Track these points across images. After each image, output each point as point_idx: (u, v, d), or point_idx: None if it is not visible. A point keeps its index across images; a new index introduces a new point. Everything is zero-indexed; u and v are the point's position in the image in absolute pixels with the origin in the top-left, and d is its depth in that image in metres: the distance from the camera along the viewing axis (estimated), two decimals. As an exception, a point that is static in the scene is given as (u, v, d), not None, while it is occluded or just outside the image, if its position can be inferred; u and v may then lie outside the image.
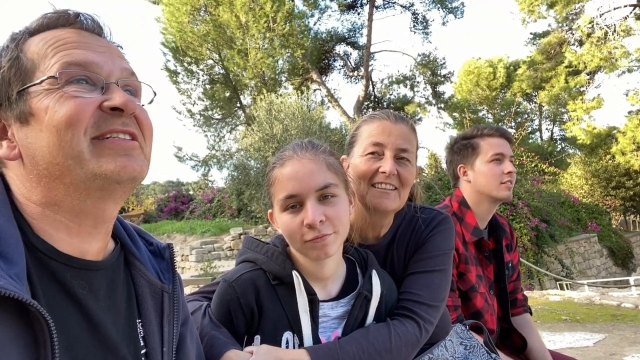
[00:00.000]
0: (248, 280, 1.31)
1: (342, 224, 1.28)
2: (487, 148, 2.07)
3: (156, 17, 23.78)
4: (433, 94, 33.45)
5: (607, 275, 15.95)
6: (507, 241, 2.22)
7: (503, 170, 2.04)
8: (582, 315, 6.41)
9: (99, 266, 0.88)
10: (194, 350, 1.07)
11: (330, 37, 30.20)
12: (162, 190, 43.91)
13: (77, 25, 0.87)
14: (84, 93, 0.81)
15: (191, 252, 14.82)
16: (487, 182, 2.05)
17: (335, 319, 1.34)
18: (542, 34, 29.79)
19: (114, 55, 0.89)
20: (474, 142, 2.11)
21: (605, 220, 19.21)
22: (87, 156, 0.80)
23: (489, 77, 35.48)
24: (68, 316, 0.78)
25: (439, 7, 29.43)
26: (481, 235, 2.08)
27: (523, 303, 2.28)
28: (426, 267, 1.50)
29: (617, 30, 20.91)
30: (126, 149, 0.84)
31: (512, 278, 2.24)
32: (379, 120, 1.57)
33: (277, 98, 16.23)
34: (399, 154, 1.52)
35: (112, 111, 0.82)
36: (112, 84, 0.85)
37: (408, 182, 1.54)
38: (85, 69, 0.83)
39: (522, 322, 2.21)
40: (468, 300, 1.97)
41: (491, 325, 2.01)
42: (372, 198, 1.52)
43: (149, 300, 0.96)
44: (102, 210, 0.85)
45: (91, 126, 0.80)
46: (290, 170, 1.27)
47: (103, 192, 0.82)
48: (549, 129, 39.44)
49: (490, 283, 2.11)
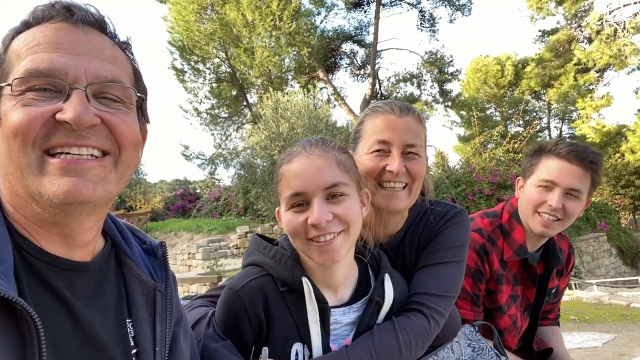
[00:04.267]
0: (255, 288, 1.24)
1: (353, 222, 1.20)
2: (543, 170, 1.79)
3: (163, 16, 23.88)
4: (440, 92, 33.24)
5: (616, 275, 15.79)
6: (560, 267, 2.02)
7: (547, 200, 1.76)
8: (591, 315, 6.35)
9: (85, 267, 0.86)
10: (187, 350, 1.05)
11: (336, 35, 30.10)
12: (169, 188, 44.06)
13: (60, 19, 0.81)
14: (40, 102, 0.76)
15: (198, 250, 14.88)
16: (525, 207, 1.85)
17: (347, 326, 1.28)
18: (551, 31, 29.52)
19: (91, 57, 0.81)
20: (539, 157, 1.84)
21: (614, 219, 19.02)
22: (33, 171, 0.75)
23: (497, 74, 35.23)
24: (55, 315, 0.78)
25: (446, 4, 29.23)
26: (525, 257, 1.87)
27: (553, 319, 2.17)
28: (436, 259, 1.46)
29: (627, 28, 20.68)
30: (77, 170, 0.77)
31: (552, 301, 2.10)
32: (383, 115, 1.48)
33: (284, 96, 16.22)
34: (407, 149, 1.45)
35: (66, 123, 0.76)
36: (76, 91, 0.77)
37: (419, 176, 1.47)
38: (46, 76, 0.77)
39: (550, 331, 2.11)
40: (492, 318, 1.86)
41: (510, 344, 1.92)
42: (381, 199, 1.46)
43: (141, 299, 0.94)
44: (67, 225, 0.81)
45: (41, 138, 0.76)
46: (297, 166, 1.21)
47: (55, 210, 0.78)
48: (558, 127, 39.09)
49: (527, 304, 1.97)
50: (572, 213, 1.75)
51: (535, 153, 1.87)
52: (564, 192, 1.74)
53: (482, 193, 13.10)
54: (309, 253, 1.21)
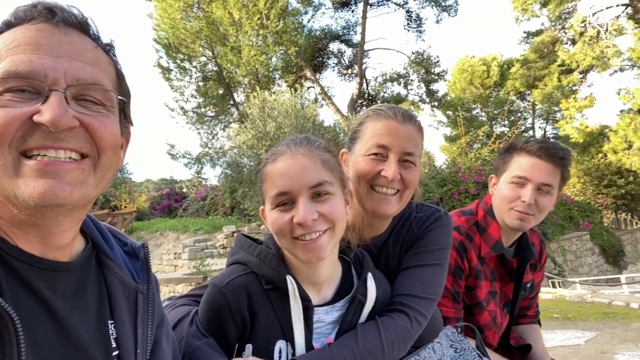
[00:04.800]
0: (239, 286, 1.24)
1: (338, 221, 1.21)
2: (515, 167, 1.85)
3: (148, 14, 23.64)
4: (427, 92, 33.46)
5: (598, 273, 16.07)
6: (534, 261, 2.06)
7: (520, 196, 1.81)
8: (574, 313, 6.44)
9: (65, 267, 0.85)
10: (169, 352, 1.05)
11: (324, 35, 30.12)
12: (155, 187, 43.67)
13: (41, 20, 0.80)
14: (18, 103, 0.76)
15: (184, 250, 14.76)
16: (499, 203, 1.90)
17: (330, 324, 1.29)
18: (536, 33, 29.89)
19: (72, 59, 0.80)
20: (510, 154, 1.90)
21: (597, 219, 19.35)
22: (9, 172, 0.75)
23: (483, 75, 35.59)
24: (34, 316, 0.77)
25: (433, 5, 29.45)
26: (501, 252, 1.91)
27: (532, 317, 2.19)
28: (419, 261, 1.47)
29: (610, 30, 21.03)
30: (53, 172, 0.76)
31: (529, 296, 2.14)
32: (385, 119, 1.48)
33: (271, 95, 16.17)
34: (404, 157, 1.46)
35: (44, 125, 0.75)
36: (55, 92, 0.77)
37: (412, 185, 1.48)
38: (25, 78, 0.76)
39: (529, 330, 2.13)
40: (471, 315, 1.89)
41: (491, 341, 1.95)
42: (372, 202, 1.47)
43: (122, 301, 0.94)
44: (44, 227, 0.80)
45: (17, 140, 0.75)
46: (282, 166, 1.21)
47: (32, 212, 0.77)
48: (542, 127, 39.63)
49: (506, 301, 2.00)
50: (544, 207, 1.81)
51: (507, 151, 1.92)
52: (536, 187, 1.79)
53: (467, 192, 13.22)
54: (294, 251, 1.22)
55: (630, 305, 6.70)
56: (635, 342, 4.74)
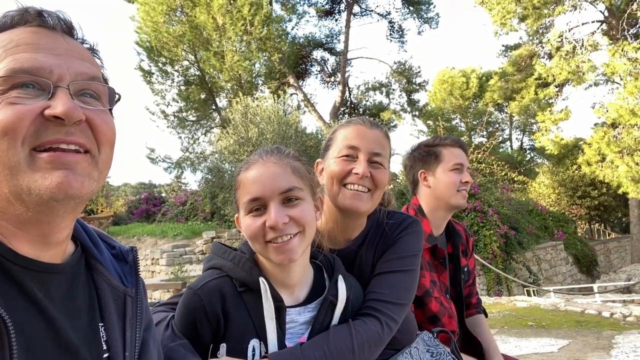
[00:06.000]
0: (214, 288, 1.29)
1: (308, 224, 1.28)
2: (450, 157, 2.16)
3: (131, 16, 23.39)
4: (408, 101, 33.92)
5: (572, 282, 16.42)
6: (463, 247, 2.29)
7: (462, 179, 2.14)
8: (548, 321, 6.56)
9: (57, 269, 0.85)
10: (155, 355, 1.05)
11: (307, 42, 30.29)
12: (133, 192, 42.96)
13: (36, 23, 0.83)
14: (26, 99, 0.77)
15: (162, 255, 14.57)
16: (447, 189, 2.14)
17: (303, 325, 1.33)
18: (514, 47, 30.61)
19: (71, 57, 0.83)
20: (437, 150, 2.19)
21: (571, 229, 19.78)
22: (23, 168, 0.75)
23: (463, 86, 36.18)
24: (27, 318, 0.76)
25: (415, 16, 29.98)
26: (435, 242, 2.12)
27: (476, 306, 2.35)
28: (391, 267, 1.52)
29: (585, 45, 21.63)
30: (67, 163, 0.78)
31: (467, 283, 2.30)
32: (355, 125, 1.61)
33: (253, 101, 16.17)
34: (373, 157, 1.56)
35: (56, 119, 0.77)
36: (61, 89, 0.79)
37: (382, 185, 1.57)
38: (32, 74, 0.78)
39: (474, 322, 2.26)
40: (424, 305, 1.99)
41: (450, 327, 2.04)
42: (344, 199, 1.54)
43: (111, 304, 0.94)
44: (48, 223, 0.81)
45: (30, 135, 0.76)
46: (255, 173, 1.28)
47: (42, 207, 0.78)
48: (519, 138, 40.48)
49: (445, 288, 2.16)
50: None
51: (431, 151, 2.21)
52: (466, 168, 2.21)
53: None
54: (267, 254, 1.27)
55: (602, 314, 6.86)
56: (607, 350, 4.86)
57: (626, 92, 18.33)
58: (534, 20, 22.54)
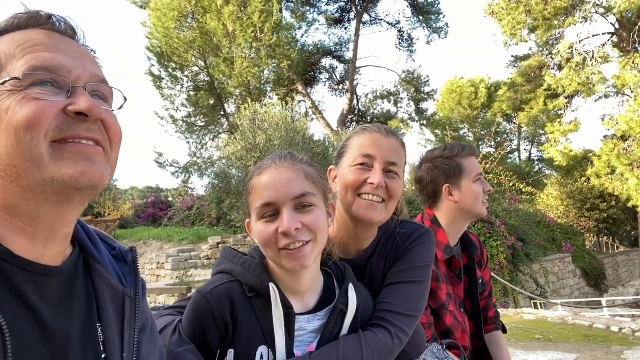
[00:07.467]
0: (223, 292, 1.27)
1: (320, 232, 1.26)
2: (472, 168, 2.11)
3: (142, 22, 23.66)
4: (416, 110, 33.92)
5: (580, 296, 16.22)
6: (478, 258, 2.24)
7: (484, 189, 2.11)
8: (555, 334, 6.48)
9: (55, 272, 0.85)
10: (156, 356, 1.04)
11: (317, 50, 30.45)
12: (140, 195, 43.10)
13: (48, 27, 0.86)
14: (48, 96, 0.79)
15: (167, 260, 14.59)
16: (474, 202, 2.09)
17: (312, 333, 1.31)
18: (523, 57, 30.55)
19: (84, 60, 0.87)
20: (458, 162, 2.11)
21: (580, 241, 19.58)
22: (46, 159, 0.77)
23: (471, 96, 36.14)
24: (21, 321, 0.76)
25: (424, 26, 30.05)
26: (452, 254, 2.07)
27: (494, 320, 2.27)
28: (403, 278, 1.49)
29: (595, 57, 21.53)
30: (88, 154, 0.81)
31: (483, 295, 2.24)
32: (370, 133, 1.57)
33: (262, 108, 16.21)
34: (388, 167, 1.52)
35: (77, 116, 0.80)
36: (78, 88, 0.82)
37: (396, 195, 1.53)
38: (52, 72, 0.80)
39: (491, 340, 2.20)
40: (438, 318, 1.95)
41: (463, 342, 2.00)
42: (358, 209, 1.50)
43: (110, 304, 0.94)
44: (60, 215, 0.83)
45: (53, 129, 0.78)
46: (268, 178, 1.27)
47: (61, 197, 0.80)
48: (527, 149, 40.30)
49: (460, 301, 2.11)
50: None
51: (452, 163, 2.12)
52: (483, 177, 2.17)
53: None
54: (279, 261, 1.25)
55: (610, 328, 6.76)
56: (615, 365, 4.78)
57: (637, 104, 18.21)
58: (544, 31, 22.50)
